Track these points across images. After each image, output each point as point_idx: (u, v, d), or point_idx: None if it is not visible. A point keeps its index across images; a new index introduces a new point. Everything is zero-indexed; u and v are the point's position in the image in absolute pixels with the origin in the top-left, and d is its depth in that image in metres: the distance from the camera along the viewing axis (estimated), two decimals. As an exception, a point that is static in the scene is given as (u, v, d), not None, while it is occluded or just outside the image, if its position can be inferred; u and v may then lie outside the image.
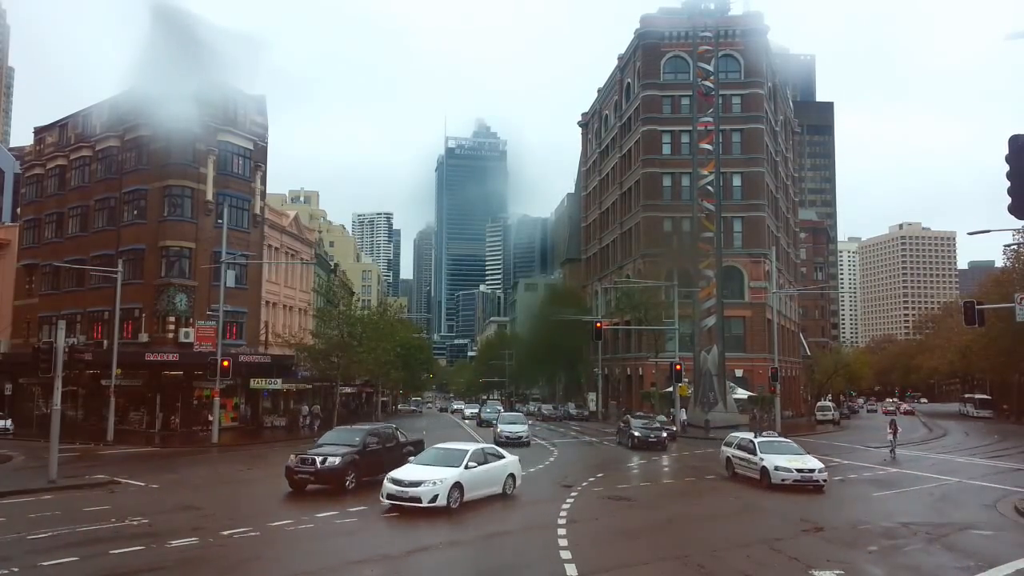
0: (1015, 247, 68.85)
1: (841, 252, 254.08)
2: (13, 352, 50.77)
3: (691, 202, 67.55)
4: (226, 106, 49.12)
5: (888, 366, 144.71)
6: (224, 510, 18.85)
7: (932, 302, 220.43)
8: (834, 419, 70.55)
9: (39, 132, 56.48)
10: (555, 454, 35.57)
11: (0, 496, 20.22)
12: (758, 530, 17.22)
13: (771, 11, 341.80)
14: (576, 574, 12.57)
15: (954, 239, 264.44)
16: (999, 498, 22.42)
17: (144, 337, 45.33)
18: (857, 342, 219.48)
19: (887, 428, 37.83)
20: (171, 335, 45.38)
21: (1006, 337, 64.56)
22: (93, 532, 15.66)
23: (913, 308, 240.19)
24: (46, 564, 12.75)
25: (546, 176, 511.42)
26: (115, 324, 41.76)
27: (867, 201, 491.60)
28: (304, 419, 50.34)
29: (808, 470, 23.16)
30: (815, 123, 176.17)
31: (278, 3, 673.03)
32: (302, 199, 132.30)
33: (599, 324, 52.68)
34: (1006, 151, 13.74)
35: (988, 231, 30.55)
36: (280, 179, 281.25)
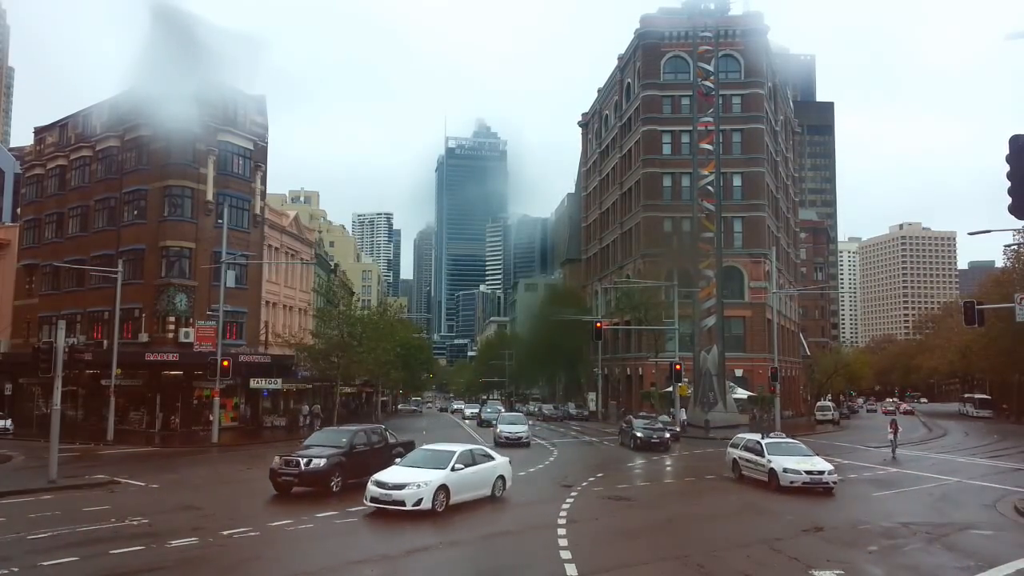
0: (1015, 247, 68.93)
1: (841, 252, 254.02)
2: (13, 352, 50.80)
3: (691, 202, 67.62)
4: (226, 106, 49.17)
5: (888, 366, 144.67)
6: (224, 510, 18.84)
7: (932, 302, 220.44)
8: (834, 419, 70.53)
9: (39, 132, 56.52)
10: (555, 454, 35.61)
11: (0, 496, 20.23)
12: (758, 530, 17.21)
13: (771, 11, 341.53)
14: (576, 574, 12.58)
15: (954, 239, 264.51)
16: (999, 498, 22.43)
17: (144, 337, 45.37)
18: (857, 342, 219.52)
19: (888, 428, 37.83)
20: (171, 335, 45.42)
21: (1006, 337, 64.61)
22: (93, 532, 15.67)
23: (913, 308, 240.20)
24: (46, 564, 12.76)
25: (546, 176, 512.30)
26: (115, 324, 41.81)
27: (867, 201, 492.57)
28: (304, 419, 50.39)
29: (817, 472, 22.69)
30: (815, 123, 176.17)
31: (278, 3, 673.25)
32: (302, 199, 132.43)
33: (599, 324, 52.72)
34: (1006, 151, 13.75)
35: (988, 231, 30.50)
36: (280, 179, 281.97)
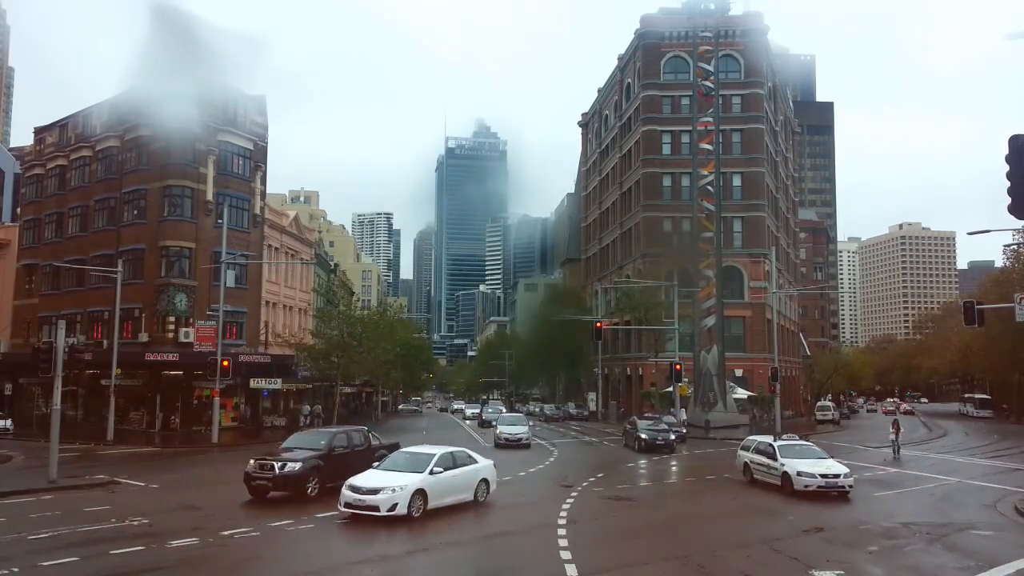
0: (1015, 247, 68.97)
1: (841, 252, 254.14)
2: (13, 352, 50.78)
3: (691, 202, 67.54)
4: (226, 106, 49.15)
5: (888, 366, 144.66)
6: (224, 510, 18.83)
7: (932, 302, 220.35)
8: (834, 419, 70.53)
9: (39, 132, 56.51)
10: (555, 454, 35.63)
11: (0, 496, 20.23)
12: (758, 530, 17.22)
13: (771, 11, 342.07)
14: (576, 574, 12.58)
15: (954, 239, 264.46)
16: (999, 498, 22.42)
17: (144, 337, 45.37)
18: (857, 342, 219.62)
19: (889, 428, 37.81)
20: (171, 335, 45.42)
21: (1006, 337, 64.61)
22: (93, 532, 15.66)
23: (913, 308, 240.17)
24: (46, 564, 12.76)
25: (546, 176, 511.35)
26: (115, 324, 41.79)
27: (867, 201, 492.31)
28: (304, 419, 50.37)
29: (833, 475, 21.93)
30: (815, 123, 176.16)
31: (278, 3, 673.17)
32: (302, 199, 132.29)
33: (599, 324, 52.75)
34: (1006, 151, 13.73)
35: (988, 231, 30.58)
36: (280, 179, 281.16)
